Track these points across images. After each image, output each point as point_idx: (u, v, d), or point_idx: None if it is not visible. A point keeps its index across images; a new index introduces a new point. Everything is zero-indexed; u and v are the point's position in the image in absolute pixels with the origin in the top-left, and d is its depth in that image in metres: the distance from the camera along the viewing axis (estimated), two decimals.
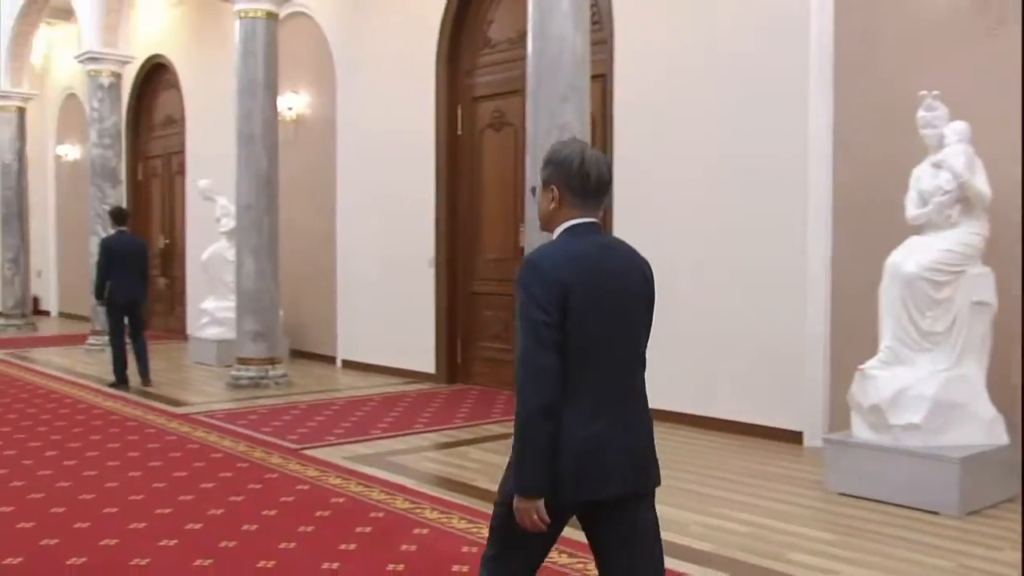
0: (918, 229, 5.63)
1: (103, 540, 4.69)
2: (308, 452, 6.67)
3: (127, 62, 13.32)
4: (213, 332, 11.36)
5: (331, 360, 11.26)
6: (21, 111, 16.15)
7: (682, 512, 5.14)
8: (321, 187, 11.36)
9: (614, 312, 2.52)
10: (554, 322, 2.40)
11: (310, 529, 4.88)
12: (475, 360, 9.78)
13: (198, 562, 4.33)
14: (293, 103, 11.75)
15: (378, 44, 10.52)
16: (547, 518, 2.43)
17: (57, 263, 18.99)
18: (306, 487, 5.74)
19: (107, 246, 9.71)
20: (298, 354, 11.55)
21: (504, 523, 2.55)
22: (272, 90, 9.59)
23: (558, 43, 6.32)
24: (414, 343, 10.09)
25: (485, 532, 4.72)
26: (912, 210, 5.62)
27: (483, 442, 7.11)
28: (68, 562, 4.37)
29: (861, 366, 5.57)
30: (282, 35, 9.94)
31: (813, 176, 6.76)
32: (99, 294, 9.68)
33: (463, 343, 9.87)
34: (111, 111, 12.90)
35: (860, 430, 5.56)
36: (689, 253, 7.54)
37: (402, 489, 5.66)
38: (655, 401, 2.83)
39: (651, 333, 2.70)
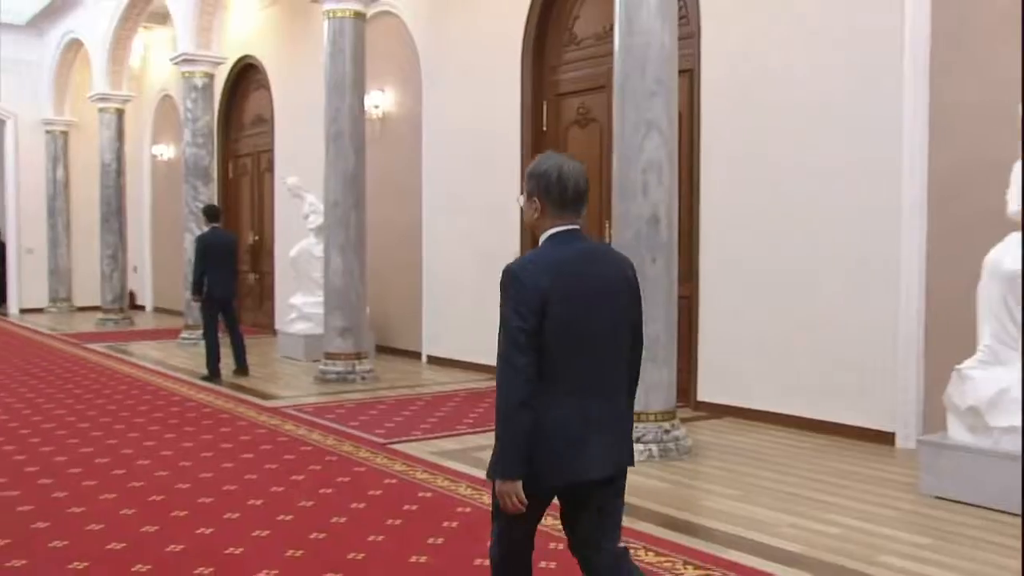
0: (1019, 225, 5.45)
1: (199, 529, 4.83)
2: (395, 447, 6.76)
3: (219, 63, 13.66)
4: (301, 327, 11.58)
5: (416, 356, 11.38)
6: (120, 113, 16.70)
7: (771, 512, 5.08)
8: (406, 184, 11.48)
9: (594, 312, 2.77)
10: (530, 328, 2.66)
11: (398, 523, 4.94)
12: None
13: (289, 552, 4.43)
14: (379, 101, 11.90)
15: (463, 41, 10.59)
16: (525, 499, 2.69)
17: (152, 259, 19.58)
18: (393, 481, 5.82)
19: (203, 242, 9.99)
20: (384, 350, 11.70)
21: (507, 518, 2.81)
22: (359, 88, 9.73)
23: (645, 38, 6.29)
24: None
25: None
26: (1013, 205, 5.44)
27: None
28: (167, 549, 4.51)
29: (958, 366, 5.41)
30: (369, 34, 10.07)
31: (907, 172, 6.60)
32: (197, 289, 9.97)
33: None
34: (204, 111, 13.25)
35: (957, 432, 5.41)
36: (778, 251, 7.43)
37: (488, 485, 5.68)
38: (743, 399, 2.83)
39: (643, 325, 2.97)
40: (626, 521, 4.88)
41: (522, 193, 2.88)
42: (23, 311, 19.22)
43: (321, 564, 4.29)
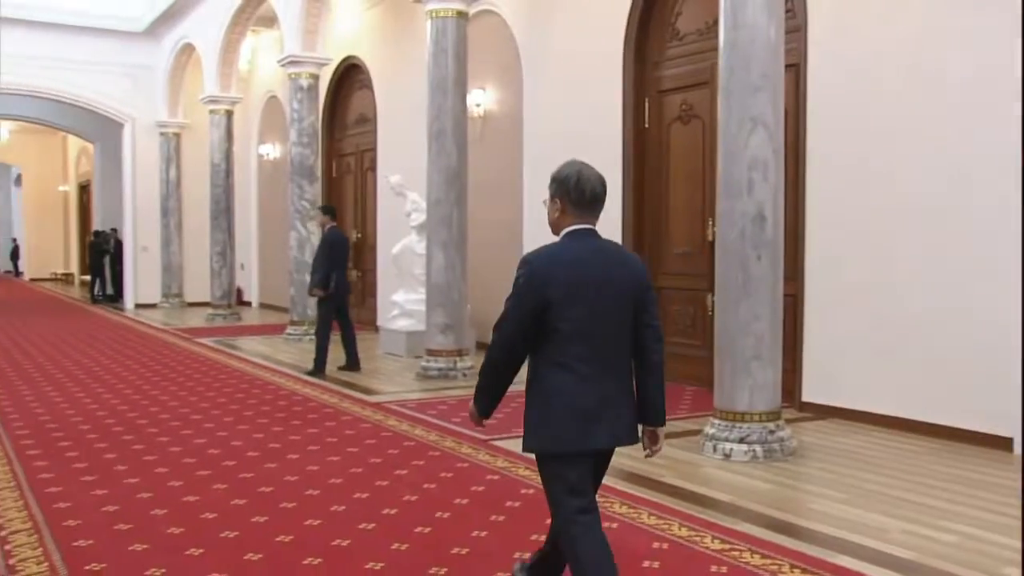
0: None
1: (307, 520, 4.95)
2: (497, 443, 6.80)
3: (324, 64, 13.95)
4: (403, 324, 11.74)
5: None
6: (229, 114, 17.24)
7: (881, 517, 4.94)
8: (508, 182, 11.54)
9: (599, 301, 3.16)
10: (527, 308, 3.16)
11: (501, 519, 4.97)
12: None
13: (395, 546, 4.50)
14: (481, 100, 11.99)
15: (564, 39, 10.59)
16: (483, 424, 3.59)
17: (258, 257, 20.11)
18: (496, 477, 5.86)
19: (331, 240, 10.29)
20: (484, 347, 11.72)
21: (553, 479, 3.28)
22: (462, 87, 9.82)
23: (751, 32, 6.19)
24: None
25: (675, 529, 4.72)
26: None
27: (670, 438, 7.01)
28: (277, 539, 4.63)
29: None
30: (470, 33, 10.14)
31: None
32: (325, 284, 10.20)
33: None
34: (309, 111, 13.54)
35: None
36: (887, 249, 7.23)
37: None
38: (850, 400, 2.78)
39: (657, 317, 3.34)
40: (728, 521, 4.84)
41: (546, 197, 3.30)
42: (138, 306, 19.97)
43: (426, 558, 4.35)
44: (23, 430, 7.40)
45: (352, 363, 10.47)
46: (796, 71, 7.81)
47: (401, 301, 11.92)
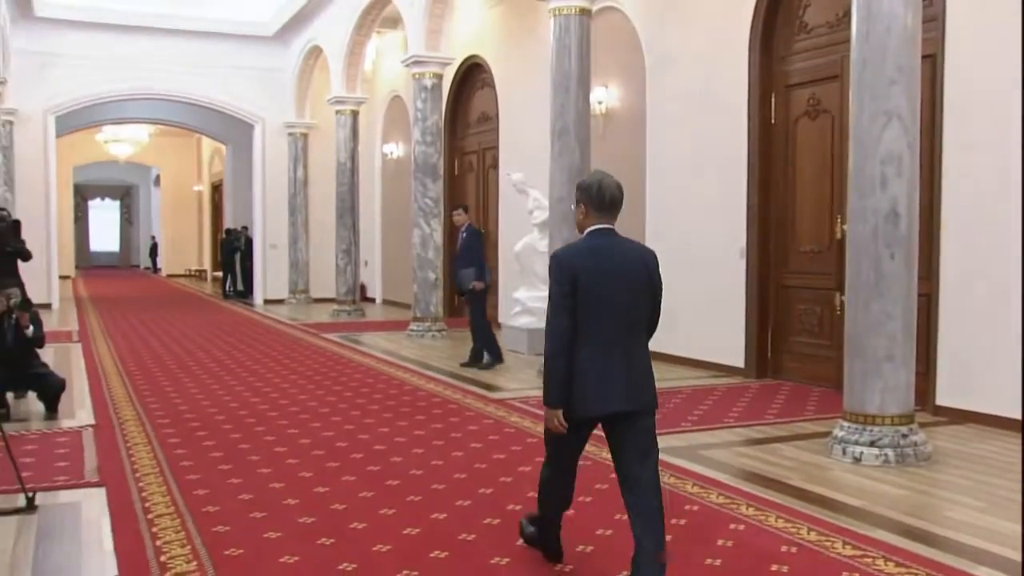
0: None
1: (433, 514, 5.04)
2: None
3: (447, 63, 14.14)
4: (524, 321, 11.81)
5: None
6: (354, 114, 17.67)
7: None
8: (629, 179, 11.35)
9: (615, 288, 3.76)
10: (566, 293, 3.72)
11: (625, 517, 4.94)
12: (786, 355, 9.51)
13: (520, 542, 4.54)
14: (603, 97, 11.95)
15: (689, 34, 10.46)
16: (565, 423, 3.78)
17: (382, 253, 20.52)
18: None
19: (479, 236, 10.74)
20: None
21: (550, 436, 4.00)
22: (585, 85, 9.81)
23: (886, 22, 6.01)
24: (723, 336, 9.97)
25: (804, 533, 4.63)
26: None
27: (797, 439, 6.90)
28: (404, 532, 4.73)
29: None
30: (593, 30, 10.11)
31: None
32: (482, 276, 10.59)
33: (774, 337, 9.63)
34: (433, 110, 13.75)
35: None
36: None
37: (715, 483, 5.62)
38: (988, 405, 2.66)
39: (663, 301, 3.97)
40: (861, 527, 4.71)
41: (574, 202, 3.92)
42: (267, 302, 20.64)
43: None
44: (164, 419, 7.74)
45: (496, 357, 10.72)
46: (932, 62, 7.54)
47: (523, 298, 12.00)
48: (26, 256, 9.87)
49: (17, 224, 11.62)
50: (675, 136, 10.69)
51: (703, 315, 10.27)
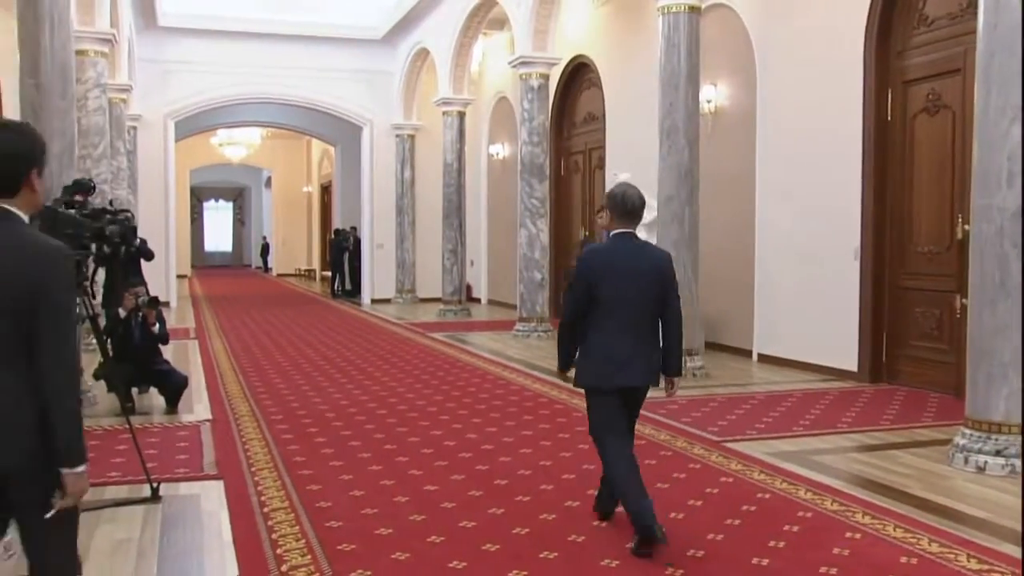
0: None
1: (542, 514, 5.04)
2: (729, 445, 6.68)
3: (554, 64, 14.15)
4: None
5: (746, 353, 11.18)
6: (461, 115, 17.84)
7: None
8: (738, 178, 11.29)
9: (628, 284, 4.55)
10: (583, 287, 4.60)
11: (737, 523, 4.88)
12: (902, 359, 9.22)
13: (629, 544, 4.50)
14: (711, 95, 11.79)
15: (801, 30, 10.24)
16: (569, 384, 4.92)
17: (487, 254, 20.65)
18: (730, 480, 5.75)
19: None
20: (713, 346, 11.58)
21: (592, 408, 4.76)
22: (694, 83, 9.69)
23: (1015, 13, 5.76)
24: (835, 339, 9.73)
25: (925, 544, 4.49)
26: None
27: (914, 446, 6.69)
28: (513, 531, 4.75)
29: None
30: (702, 27, 9.98)
31: None
32: None
33: (889, 340, 9.34)
34: (539, 111, 13.78)
35: None
36: None
37: (829, 490, 5.48)
38: None
39: (677, 299, 4.73)
40: (986, 539, 4.53)
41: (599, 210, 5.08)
42: (374, 301, 20.99)
43: (660, 557, 4.33)
44: (277, 415, 7.95)
45: None
46: None
47: None
48: (149, 256, 10.26)
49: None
50: (786, 134, 10.48)
51: (813, 316, 10.04)
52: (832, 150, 9.77)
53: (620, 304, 4.54)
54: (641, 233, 11.53)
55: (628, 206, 4.66)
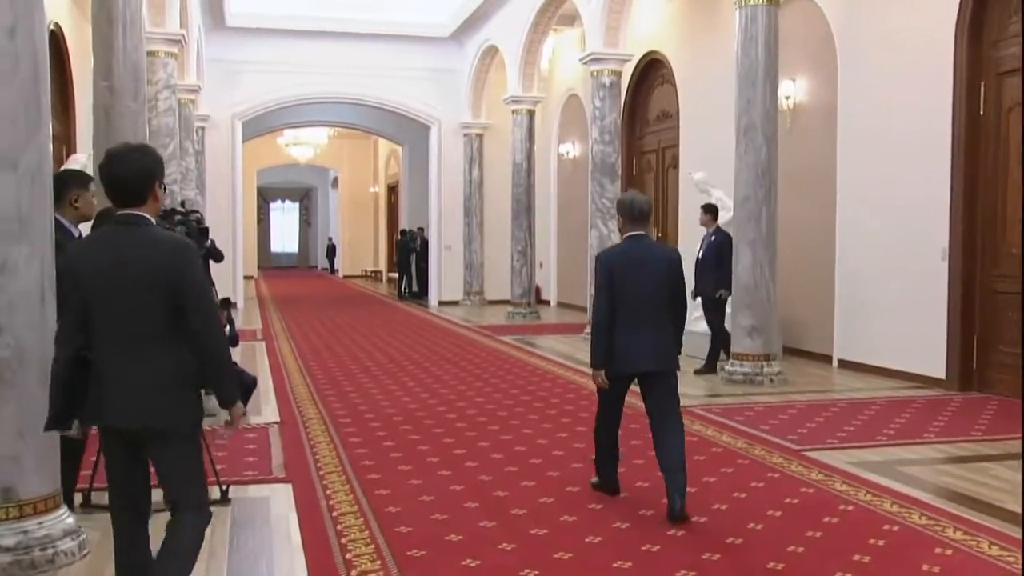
0: None
1: (615, 523, 5.03)
2: (810, 454, 6.57)
3: (626, 60, 14.08)
4: (706, 326, 11.60)
5: (826, 359, 10.99)
6: (530, 114, 17.86)
7: None
8: (818, 177, 11.12)
9: (641, 280, 5.27)
10: (604, 284, 5.28)
11: (818, 535, 4.80)
12: (994, 366, 8.98)
13: (706, 555, 4.47)
14: (790, 91, 11.63)
15: (886, 21, 10.04)
16: (606, 381, 5.35)
17: (557, 255, 20.64)
18: (810, 490, 5.66)
19: (731, 241, 10.07)
20: (791, 351, 11.41)
21: (600, 391, 5.54)
22: (772, 78, 9.57)
23: None
24: (921, 344, 9.51)
25: (1019, 563, 4.34)
26: None
27: (1008, 459, 6.50)
28: (586, 539, 4.74)
29: None
30: (780, 20, 9.85)
31: None
32: (728, 286, 10.13)
33: (979, 346, 9.10)
34: (611, 109, 13.72)
35: None
36: None
37: (917, 503, 5.36)
38: None
39: (683, 291, 5.40)
40: None
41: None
42: (441, 303, 21.12)
43: (738, 570, 4.29)
44: (345, 418, 8.04)
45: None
46: None
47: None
48: (219, 257, 10.42)
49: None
50: (869, 130, 10.28)
51: (898, 320, 9.83)
52: (919, 146, 9.56)
53: (632, 297, 5.26)
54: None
55: (636, 211, 5.40)
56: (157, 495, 3.61)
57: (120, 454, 3.48)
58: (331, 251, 40.95)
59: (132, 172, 3.40)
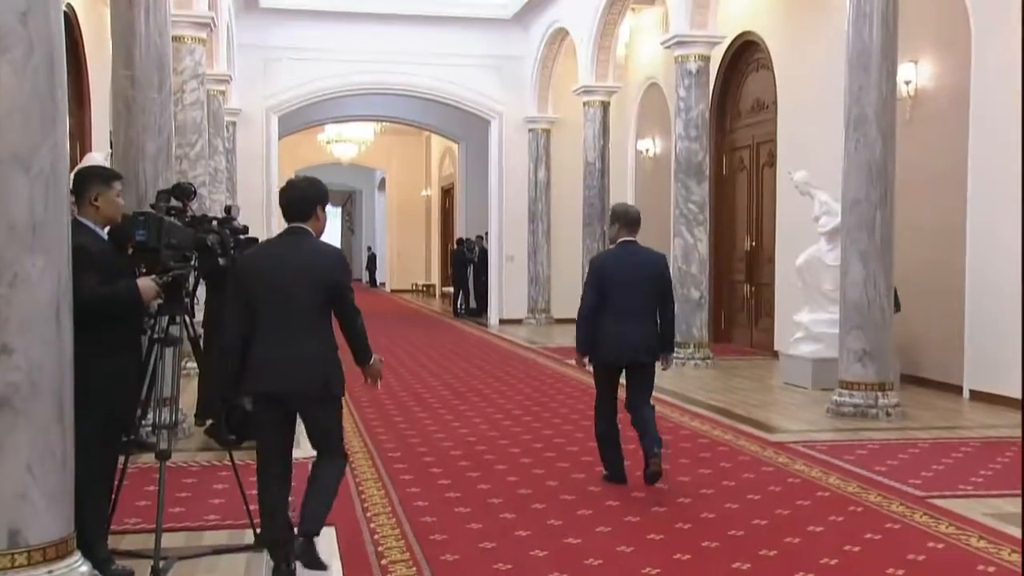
0: None
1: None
2: (937, 502, 6.40)
3: (716, 43, 13.99)
4: (808, 349, 11.46)
5: (954, 389, 10.74)
6: (604, 106, 17.84)
7: None
8: (945, 175, 10.90)
9: (629, 280, 6.76)
10: (595, 285, 6.86)
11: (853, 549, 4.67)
12: None
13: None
14: (911, 76, 11.43)
15: None
16: (588, 365, 7.03)
17: None
18: (940, 546, 5.50)
19: None
20: (911, 379, 11.19)
21: (596, 380, 7.08)
22: (889, 61, 9.39)
23: None
24: None
25: None
26: None
27: None
28: None
29: None
30: None
31: None
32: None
33: None
34: (697, 99, 13.62)
35: None
36: None
37: None
38: None
39: (670, 291, 7.01)
40: None
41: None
42: (502, 322, 21.10)
43: None
44: (394, 452, 8.06)
45: None
46: None
47: (806, 322, 11.64)
48: None
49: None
50: (1009, 119, 10.02)
51: None
52: None
53: (619, 295, 6.73)
54: (822, 243, 11.51)
55: (631, 219, 6.96)
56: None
57: (274, 417, 4.99)
58: (371, 261, 41.19)
59: (299, 196, 5.04)
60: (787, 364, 11.96)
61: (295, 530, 4.97)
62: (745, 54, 15.72)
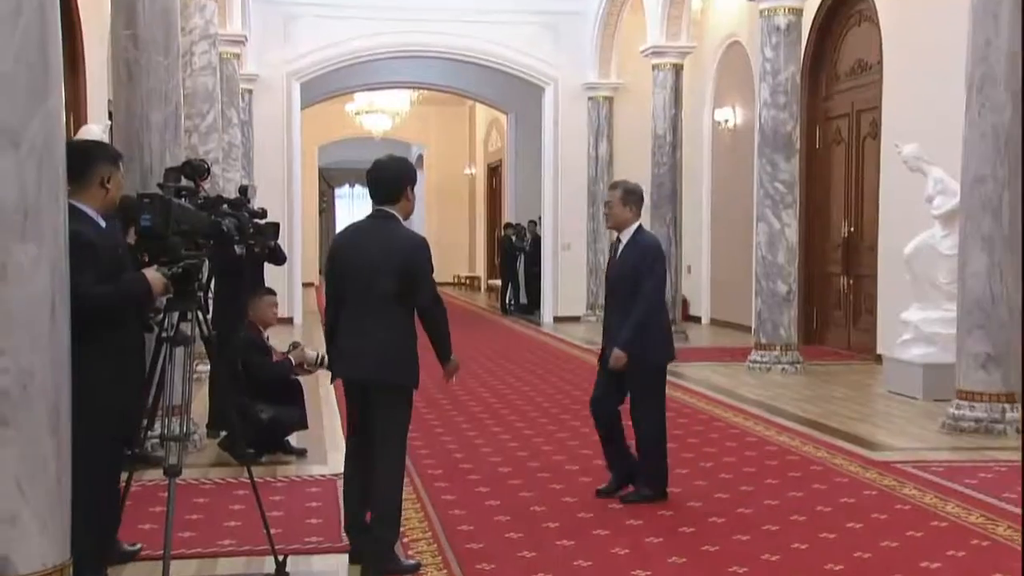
0: None
1: None
2: None
3: None
4: (918, 353, 11.35)
5: None
6: (677, 69, 17.66)
7: None
8: None
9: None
10: (659, 273, 7.39)
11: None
12: None
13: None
14: None
15: None
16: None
17: (711, 257, 20.40)
18: None
19: None
20: None
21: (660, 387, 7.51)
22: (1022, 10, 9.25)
23: None
24: None
25: None
26: None
27: None
28: None
29: None
30: None
31: None
32: None
33: None
34: (788, 60, 13.50)
35: None
36: None
37: None
38: None
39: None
40: None
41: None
42: (556, 319, 21.07)
43: None
44: (435, 469, 8.11)
45: None
46: None
47: (916, 321, 11.52)
48: (281, 259, 10.45)
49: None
50: None
51: None
52: None
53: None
54: (936, 228, 11.37)
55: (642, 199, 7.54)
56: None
57: (358, 403, 5.72)
58: None
59: (388, 176, 5.67)
60: (892, 370, 11.85)
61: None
62: (844, 5, 15.58)
